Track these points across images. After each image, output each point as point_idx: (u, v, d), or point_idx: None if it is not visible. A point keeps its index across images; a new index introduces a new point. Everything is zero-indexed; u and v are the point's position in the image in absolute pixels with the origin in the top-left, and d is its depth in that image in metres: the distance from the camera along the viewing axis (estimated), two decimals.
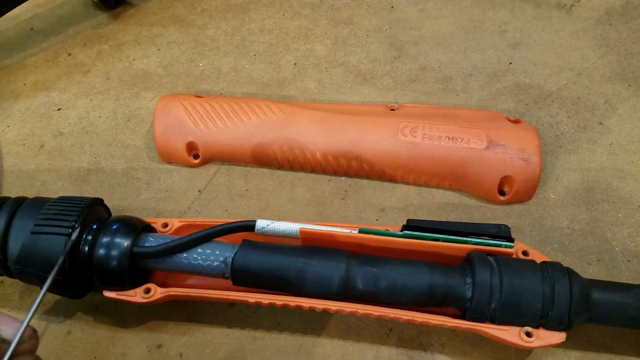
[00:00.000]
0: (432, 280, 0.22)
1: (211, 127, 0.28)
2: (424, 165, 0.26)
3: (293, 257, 0.23)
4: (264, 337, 0.24)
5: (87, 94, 0.31)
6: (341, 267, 0.22)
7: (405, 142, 0.26)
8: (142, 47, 0.32)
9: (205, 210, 0.27)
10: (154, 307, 0.25)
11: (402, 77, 0.30)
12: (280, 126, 0.27)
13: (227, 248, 0.24)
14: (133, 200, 0.27)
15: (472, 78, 0.30)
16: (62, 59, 0.32)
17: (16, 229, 0.22)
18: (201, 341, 0.24)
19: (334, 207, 0.27)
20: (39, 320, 0.25)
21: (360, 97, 0.30)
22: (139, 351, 0.24)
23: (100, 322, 0.25)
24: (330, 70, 0.31)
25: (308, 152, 0.27)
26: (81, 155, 0.29)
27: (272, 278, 0.23)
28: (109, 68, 0.31)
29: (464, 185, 0.27)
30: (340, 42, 0.31)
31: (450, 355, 0.23)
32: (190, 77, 0.31)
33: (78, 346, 0.24)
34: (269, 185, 0.28)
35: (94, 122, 0.30)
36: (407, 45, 0.31)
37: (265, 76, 0.31)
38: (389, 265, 0.23)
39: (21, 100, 0.31)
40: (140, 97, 0.30)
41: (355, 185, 0.27)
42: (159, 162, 0.29)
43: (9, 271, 0.23)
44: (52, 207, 0.23)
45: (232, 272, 0.23)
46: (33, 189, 0.28)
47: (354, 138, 0.26)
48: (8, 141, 0.30)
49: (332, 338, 0.24)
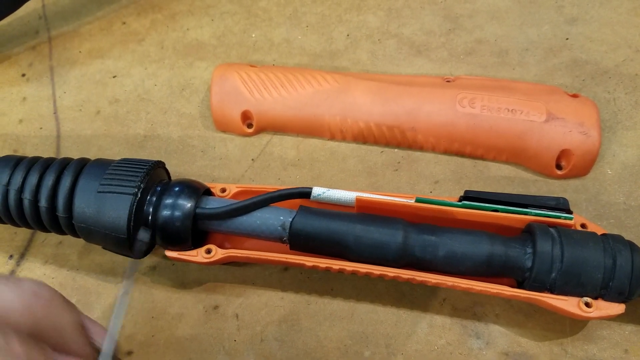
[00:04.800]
0: (491, 250, 0.22)
1: (266, 97, 0.28)
2: (482, 137, 0.26)
3: (351, 223, 0.23)
4: (317, 302, 0.25)
5: (142, 63, 0.31)
6: (399, 234, 0.22)
7: (463, 113, 0.26)
8: (196, 17, 0.32)
9: (259, 178, 0.28)
10: (210, 269, 0.26)
11: (458, 49, 0.30)
12: (334, 96, 0.27)
13: (285, 213, 0.24)
14: (189, 166, 0.28)
15: (529, 52, 0.30)
16: (117, 28, 0.32)
17: (82, 189, 0.23)
18: (256, 303, 0.25)
19: (387, 178, 0.27)
20: (98, 280, 0.26)
21: (414, 69, 0.30)
22: (196, 312, 0.25)
23: (158, 282, 0.26)
24: (384, 42, 0.30)
25: (362, 123, 0.27)
26: (137, 122, 0.29)
27: (330, 243, 0.23)
28: (163, 37, 0.32)
29: (521, 158, 0.26)
30: (394, 13, 0.31)
31: (504, 325, 0.23)
32: (243, 48, 0.31)
33: (136, 306, 0.25)
34: (320, 155, 0.28)
35: (149, 90, 0.30)
36: (462, 18, 0.31)
37: (318, 47, 0.31)
38: (447, 234, 0.23)
39: (77, 67, 0.31)
40: (195, 67, 0.31)
41: (408, 157, 0.27)
42: (213, 131, 0.29)
43: (73, 229, 0.24)
44: (116, 168, 0.23)
45: (290, 236, 0.23)
46: (90, 153, 0.29)
47: (409, 109, 0.26)
48: (65, 107, 0.30)
49: (385, 305, 0.24)
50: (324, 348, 0.23)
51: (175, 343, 0.24)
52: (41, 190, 0.23)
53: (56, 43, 0.33)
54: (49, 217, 0.23)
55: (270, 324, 0.24)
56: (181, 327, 0.24)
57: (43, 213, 0.23)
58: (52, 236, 0.27)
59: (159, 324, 0.25)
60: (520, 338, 0.23)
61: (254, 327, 0.24)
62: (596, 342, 0.22)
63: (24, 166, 0.24)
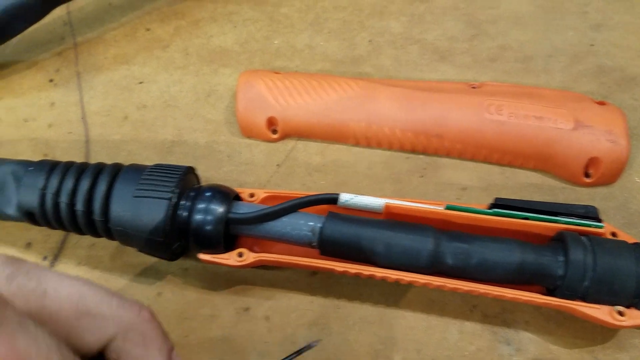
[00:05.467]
0: (523, 258, 0.22)
1: (291, 103, 0.28)
2: (510, 144, 0.26)
3: (381, 230, 0.23)
4: (347, 306, 0.25)
5: (167, 69, 0.31)
6: (429, 241, 0.22)
7: (491, 120, 0.26)
8: (219, 24, 0.32)
9: (284, 183, 0.28)
10: (239, 271, 0.26)
11: (482, 55, 0.30)
12: (359, 102, 0.27)
13: (314, 218, 0.24)
14: (216, 171, 0.28)
15: (553, 59, 0.30)
16: (141, 34, 0.33)
17: (118, 193, 0.23)
18: (286, 306, 0.25)
19: (413, 184, 0.27)
20: (131, 282, 0.26)
21: (438, 74, 0.30)
22: (227, 313, 0.25)
23: (189, 284, 0.26)
24: (407, 48, 0.30)
25: (387, 129, 0.27)
26: (164, 127, 0.30)
27: (360, 249, 0.23)
28: (187, 44, 0.32)
29: (549, 165, 0.27)
30: (416, 19, 0.31)
31: (534, 332, 0.24)
32: (265, 54, 0.31)
33: (168, 307, 0.25)
34: (345, 161, 0.28)
35: (175, 97, 0.31)
36: (485, 24, 0.31)
37: (340, 53, 0.31)
38: (479, 241, 0.23)
39: (103, 73, 0.32)
40: (219, 74, 0.31)
41: (433, 164, 0.27)
42: (238, 136, 0.29)
43: (109, 232, 0.24)
44: (151, 173, 0.24)
45: (320, 241, 0.23)
46: (119, 157, 0.29)
47: (436, 115, 0.27)
48: (93, 112, 0.31)
49: (415, 311, 0.24)
50: (355, 352, 0.24)
51: (208, 344, 0.24)
52: (77, 194, 0.23)
53: (82, 49, 0.33)
54: (85, 221, 0.24)
55: (300, 326, 0.24)
56: (214, 328, 0.25)
57: (79, 216, 0.23)
58: (85, 238, 0.27)
59: (192, 324, 0.25)
60: (550, 345, 0.23)
61: (285, 330, 0.24)
62: (628, 351, 0.22)
63: (59, 171, 0.24)
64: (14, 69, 0.33)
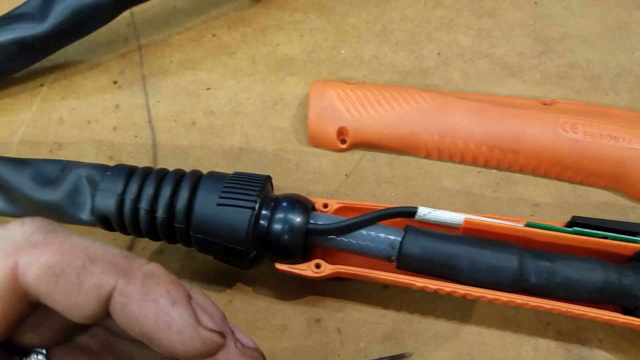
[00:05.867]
0: (606, 277, 0.22)
1: (363, 114, 0.28)
2: (584, 163, 0.26)
3: (464, 246, 0.23)
4: (420, 321, 0.25)
5: (234, 76, 0.32)
6: (515, 259, 0.22)
7: (566, 138, 0.26)
8: (285, 32, 0.33)
9: (353, 194, 0.28)
10: (310, 282, 0.26)
11: (550, 72, 0.30)
12: (432, 115, 0.27)
13: (394, 232, 0.24)
14: (284, 180, 0.28)
15: (621, 79, 0.30)
16: (207, 39, 0.33)
17: (201, 201, 0.23)
18: (358, 319, 0.25)
19: (486, 199, 0.27)
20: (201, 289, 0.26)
21: (507, 89, 0.30)
22: (298, 324, 0.25)
23: (260, 293, 0.26)
24: (476, 61, 0.31)
25: (461, 142, 0.27)
26: (232, 134, 0.30)
27: (441, 265, 0.23)
28: (254, 51, 0.32)
29: (621, 185, 0.27)
30: (485, 34, 0.31)
31: (608, 350, 0.24)
32: (332, 64, 0.31)
33: (239, 315, 0.26)
34: (415, 173, 0.28)
35: (242, 104, 0.31)
36: (553, 42, 0.31)
37: (408, 65, 0.31)
38: (562, 260, 0.23)
39: (169, 77, 0.32)
40: (286, 82, 0.31)
41: (506, 179, 0.27)
42: (306, 145, 0.29)
43: (187, 239, 0.24)
44: (233, 181, 0.24)
45: (399, 256, 0.23)
46: (187, 163, 0.29)
47: (512, 130, 0.27)
48: (159, 116, 0.31)
49: (490, 327, 0.24)
50: None
51: (280, 354, 0.24)
52: (159, 201, 0.23)
53: (146, 52, 0.33)
54: (165, 227, 0.24)
55: (373, 341, 0.24)
56: (285, 339, 0.25)
57: (159, 223, 0.23)
58: (153, 244, 0.27)
59: (263, 334, 0.25)
60: None
61: (358, 343, 0.24)
62: None
63: (138, 176, 0.24)
64: (77, 69, 0.34)
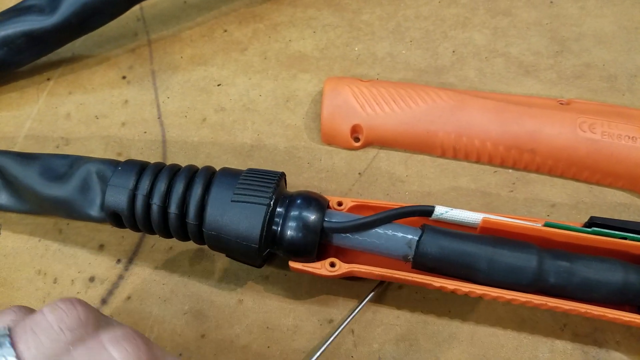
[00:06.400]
0: (626, 278, 0.22)
1: (378, 111, 0.28)
2: (602, 163, 0.26)
3: (483, 246, 0.23)
4: (435, 323, 0.24)
5: (246, 72, 0.31)
6: (534, 259, 0.22)
7: (584, 138, 0.26)
8: (298, 28, 0.32)
9: (367, 192, 0.28)
10: (322, 281, 0.26)
11: (567, 72, 0.30)
12: (449, 113, 0.27)
13: (410, 231, 0.24)
14: (297, 177, 0.28)
15: (637, 79, 0.29)
16: (218, 35, 0.33)
17: (214, 197, 0.23)
18: (371, 320, 0.25)
19: (502, 199, 0.27)
20: (211, 288, 0.26)
21: (523, 89, 0.29)
22: (311, 324, 0.25)
23: (271, 292, 0.25)
24: (491, 60, 0.30)
25: (477, 141, 0.27)
26: (244, 131, 0.29)
27: (459, 265, 0.23)
28: (266, 48, 0.32)
29: (638, 186, 0.26)
30: (500, 32, 0.31)
31: (625, 352, 0.23)
32: (346, 61, 0.31)
33: (250, 315, 0.25)
34: (430, 172, 0.28)
35: (254, 100, 0.30)
36: (569, 41, 0.31)
37: (423, 62, 0.31)
38: (581, 260, 0.22)
39: (179, 73, 0.32)
40: (298, 79, 0.31)
41: (523, 179, 0.27)
42: (318, 143, 0.29)
43: (200, 236, 0.24)
44: (247, 178, 0.23)
45: (417, 255, 0.23)
46: (198, 160, 0.29)
47: (530, 130, 0.26)
48: (169, 112, 0.30)
49: (506, 329, 0.24)
50: None
51: (292, 355, 0.24)
52: (171, 197, 0.23)
53: (156, 47, 0.33)
54: (177, 224, 0.23)
55: (387, 342, 0.24)
56: (297, 340, 0.24)
57: (172, 219, 0.23)
58: (162, 242, 0.27)
59: (275, 335, 0.24)
60: None
61: (371, 345, 0.24)
62: None
63: (150, 172, 0.24)
64: (84, 64, 0.33)
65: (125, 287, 0.26)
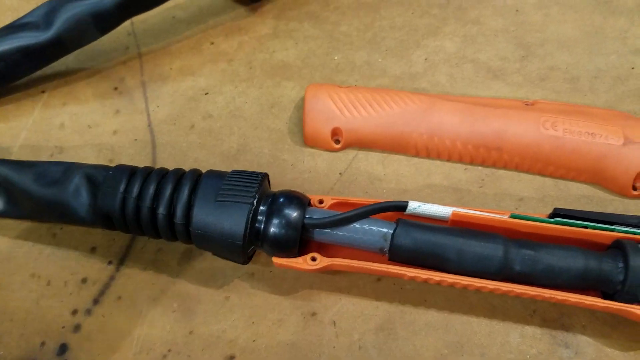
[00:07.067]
0: (586, 264, 0.24)
1: (355, 115, 0.30)
2: (565, 158, 0.28)
3: (453, 237, 0.24)
4: (412, 312, 0.26)
5: (232, 81, 0.33)
6: (500, 248, 0.24)
7: (547, 135, 0.28)
8: (281, 40, 0.34)
9: (347, 191, 0.29)
10: (305, 276, 0.27)
11: (532, 75, 0.32)
12: (421, 116, 0.29)
13: (385, 225, 0.25)
14: (281, 179, 0.29)
15: (598, 80, 0.31)
16: (205, 47, 0.34)
17: (201, 198, 0.24)
18: (352, 312, 0.26)
19: (472, 194, 0.28)
20: (199, 286, 0.27)
21: (491, 92, 0.31)
22: (294, 318, 0.26)
23: (256, 288, 0.27)
24: (461, 66, 0.32)
25: (448, 141, 0.29)
26: (230, 136, 0.31)
27: (431, 255, 0.24)
28: (251, 58, 0.34)
29: (599, 179, 0.28)
30: (469, 40, 0.33)
31: (591, 336, 0.25)
32: (326, 69, 0.33)
33: (236, 311, 0.26)
34: (405, 171, 0.30)
35: (240, 107, 0.32)
36: (534, 47, 0.33)
37: (397, 69, 0.32)
38: (545, 248, 0.24)
39: (169, 83, 0.33)
40: (282, 86, 0.32)
41: (492, 175, 0.29)
42: (301, 145, 0.31)
43: (187, 235, 0.25)
44: (231, 179, 0.25)
45: (392, 248, 0.25)
46: (186, 164, 0.30)
47: (496, 129, 0.28)
48: (159, 120, 0.32)
49: (478, 316, 0.25)
50: (421, 356, 0.25)
51: (277, 348, 0.25)
52: (160, 199, 0.24)
53: (147, 59, 0.35)
54: (165, 224, 0.25)
55: (367, 332, 0.25)
56: (281, 333, 0.26)
57: (160, 220, 0.24)
58: (151, 243, 0.28)
59: (260, 329, 0.26)
60: (607, 348, 0.24)
61: (352, 335, 0.25)
62: None
63: (140, 175, 0.25)
64: (77, 76, 0.35)
65: (117, 287, 0.27)
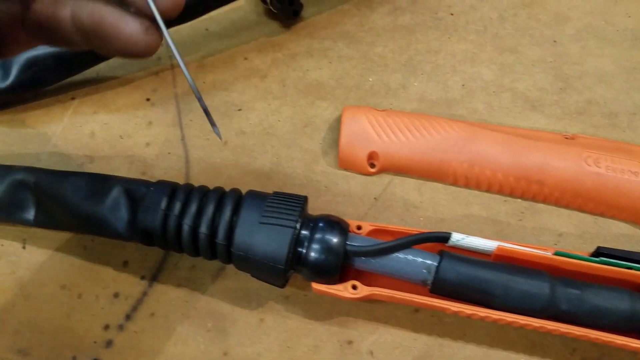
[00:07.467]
0: (633, 306, 0.23)
1: (393, 139, 0.29)
2: (606, 196, 0.27)
3: (499, 272, 0.24)
4: (451, 345, 0.25)
5: (265, 98, 0.32)
6: (546, 286, 0.23)
7: (589, 171, 0.27)
8: (315, 58, 0.34)
9: (382, 217, 0.29)
10: (342, 303, 0.26)
11: (570, 108, 0.32)
12: (462, 144, 0.29)
13: (427, 256, 0.25)
14: (314, 201, 0.29)
15: (637, 117, 0.31)
16: (239, 62, 0.34)
17: (244, 219, 0.24)
18: (390, 342, 0.25)
19: (512, 227, 0.28)
20: (233, 306, 0.26)
21: (529, 123, 0.31)
22: (331, 345, 0.25)
23: (291, 312, 0.26)
24: (499, 94, 0.32)
25: (488, 171, 0.28)
26: (263, 154, 0.30)
27: (475, 290, 0.24)
28: (284, 76, 0.33)
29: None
30: (507, 68, 0.33)
31: None
32: (360, 91, 0.33)
33: (271, 334, 0.26)
34: (442, 199, 0.29)
35: (273, 125, 0.32)
36: (572, 79, 0.33)
37: (434, 95, 0.32)
38: (590, 288, 0.24)
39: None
40: (315, 106, 0.32)
41: (531, 208, 0.28)
42: (335, 167, 0.30)
43: (227, 256, 0.24)
44: (274, 201, 0.24)
45: (435, 281, 0.24)
46: (219, 181, 0.29)
47: (538, 162, 0.28)
48: (192, 135, 0.31)
49: (518, 352, 0.25)
50: None
51: None
52: (202, 218, 0.24)
53: (179, 71, 0.34)
54: (207, 243, 0.24)
55: None
56: (317, 359, 0.25)
57: (202, 239, 0.24)
58: (185, 259, 0.27)
59: (295, 354, 0.25)
60: None
61: None
62: None
63: (181, 194, 0.25)
64: (108, 85, 0.34)
65: (149, 303, 0.26)
